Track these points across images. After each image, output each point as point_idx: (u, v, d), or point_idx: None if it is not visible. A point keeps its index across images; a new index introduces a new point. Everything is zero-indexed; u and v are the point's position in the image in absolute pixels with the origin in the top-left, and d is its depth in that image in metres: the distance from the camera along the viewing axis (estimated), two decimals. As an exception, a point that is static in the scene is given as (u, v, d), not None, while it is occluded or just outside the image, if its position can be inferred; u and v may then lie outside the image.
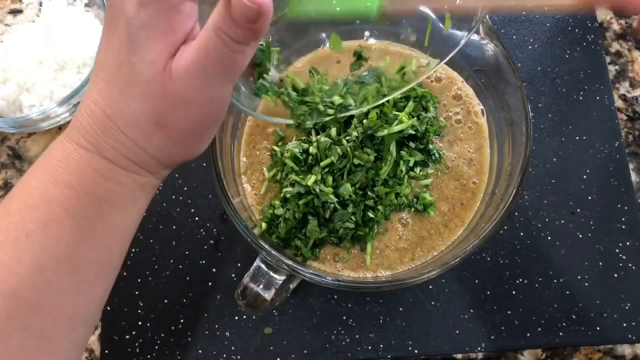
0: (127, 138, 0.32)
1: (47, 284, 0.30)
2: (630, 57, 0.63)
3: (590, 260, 0.54)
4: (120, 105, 0.31)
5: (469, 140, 0.53)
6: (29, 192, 0.32)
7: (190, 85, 0.30)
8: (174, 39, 0.30)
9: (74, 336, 0.33)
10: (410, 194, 0.51)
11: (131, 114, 0.31)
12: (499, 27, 0.63)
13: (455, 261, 0.43)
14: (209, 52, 0.29)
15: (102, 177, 0.32)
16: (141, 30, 0.29)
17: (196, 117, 0.32)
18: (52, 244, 0.31)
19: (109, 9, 0.31)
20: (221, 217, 0.56)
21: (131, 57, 0.30)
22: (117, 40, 0.31)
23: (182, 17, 0.30)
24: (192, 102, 0.31)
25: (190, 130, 0.33)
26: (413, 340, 0.52)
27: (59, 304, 0.31)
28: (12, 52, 0.58)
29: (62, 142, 0.33)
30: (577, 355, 0.53)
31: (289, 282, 0.45)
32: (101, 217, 0.32)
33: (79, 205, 0.31)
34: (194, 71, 0.30)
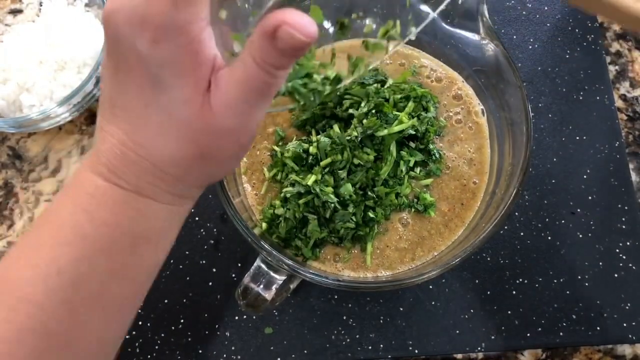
0: (167, 175, 0.31)
1: (76, 320, 0.30)
2: (630, 57, 0.63)
3: (590, 260, 0.54)
4: (156, 147, 0.30)
5: (469, 140, 0.53)
6: (60, 226, 0.31)
7: (235, 118, 0.29)
8: (204, 71, 0.28)
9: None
10: (410, 194, 0.51)
11: (170, 154, 0.30)
12: (499, 27, 0.63)
13: (456, 261, 0.43)
14: (251, 84, 0.28)
15: (140, 215, 0.32)
16: (164, 70, 0.28)
17: (241, 142, 0.31)
18: (84, 281, 0.30)
19: (108, 44, 0.29)
20: (221, 217, 0.56)
21: (160, 97, 0.29)
22: (135, 81, 0.29)
23: (206, 46, 0.28)
24: (236, 132, 0.30)
25: (233, 154, 0.32)
26: (413, 340, 0.52)
27: (87, 339, 0.31)
28: (12, 52, 0.58)
29: (92, 178, 0.31)
30: (577, 355, 0.53)
31: (289, 282, 0.45)
32: (135, 254, 0.32)
33: (114, 244, 0.31)
34: (238, 105, 0.29)
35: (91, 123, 0.61)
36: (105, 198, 0.31)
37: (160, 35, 0.27)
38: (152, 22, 0.26)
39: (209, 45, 0.28)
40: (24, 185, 0.59)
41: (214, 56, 0.29)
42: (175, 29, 0.27)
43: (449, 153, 0.52)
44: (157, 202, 0.32)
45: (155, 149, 0.30)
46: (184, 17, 0.26)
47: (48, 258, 0.30)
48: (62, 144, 0.60)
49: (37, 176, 0.59)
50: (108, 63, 0.30)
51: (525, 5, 0.64)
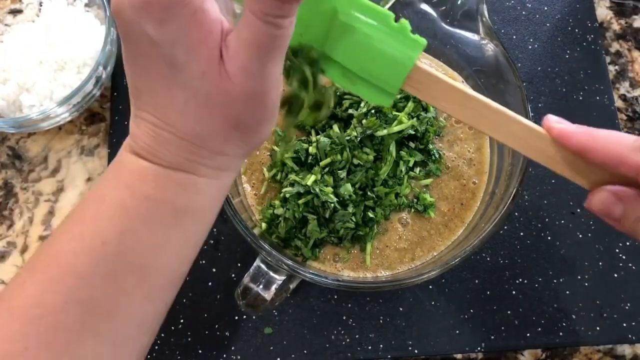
0: (204, 150, 0.31)
1: (120, 291, 0.30)
2: (630, 57, 0.63)
3: (590, 260, 0.54)
4: (187, 125, 0.30)
5: (469, 140, 0.53)
6: (102, 202, 0.31)
7: (254, 80, 0.29)
8: (214, 40, 0.28)
9: (141, 343, 0.33)
10: (410, 194, 0.51)
11: (201, 130, 0.30)
12: (499, 27, 0.63)
13: (455, 261, 0.43)
14: (259, 41, 0.28)
15: (181, 188, 0.32)
16: (175, 48, 0.28)
17: (268, 102, 0.31)
18: (128, 254, 0.30)
19: (122, 35, 0.30)
20: (221, 217, 0.55)
21: (178, 76, 0.29)
22: (153, 66, 0.29)
23: (210, 15, 0.28)
24: (260, 93, 0.30)
25: (264, 116, 0.31)
26: (413, 340, 0.52)
27: (131, 312, 0.31)
28: (12, 52, 0.58)
29: (132, 158, 0.31)
30: (577, 355, 0.53)
31: (289, 282, 0.45)
32: (178, 227, 0.32)
33: (157, 216, 0.31)
34: (253, 67, 0.28)
35: (91, 123, 0.61)
36: (146, 173, 0.31)
37: (165, 15, 0.27)
38: (155, 4, 0.27)
39: (213, 13, 0.28)
40: (23, 185, 0.59)
41: (220, 23, 0.29)
42: (177, 5, 0.27)
43: (448, 153, 0.52)
44: (198, 176, 0.32)
45: (187, 127, 0.30)
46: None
47: (93, 231, 0.30)
48: (62, 144, 0.60)
49: (37, 176, 0.59)
50: (126, 54, 0.31)
51: (525, 5, 0.64)
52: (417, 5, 0.53)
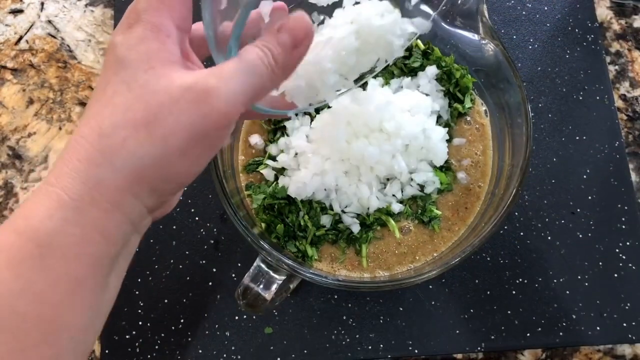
0: (93, 150, 0.28)
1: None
2: (630, 57, 0.63)
3: (590, 260, 0.54)
4: (102, 116, 0.29)
5: (476, 142, 0.53)
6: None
7: (234, 105, 0.29)
8: (169, 38, 0.30)
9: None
10: (414, 205, 0.51)
11: (112, 119, 0.28)
12: (499, 27, 0.63)
13: (455, 261, 0.43)
14: (249, 63, 0.30)
15: (47, 216, 0.28)
16: (131, 49, 0.29)
17: (204, 123, 0.29)
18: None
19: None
20: (221, 217, 0.56)
21: (121, 73, 0.29)
22: (106, 79, 0.30)
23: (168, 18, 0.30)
24: (200, 99, 0.29)
25: (195, 135, 0.29)
26: (413, 340, 0.52)
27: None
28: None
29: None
30: (577, 355, 0.53)
31: (289, 282, 0.45)
32: (41, 267, 0.27)
33: (19, 254, 0.27)
34: (240, 93, 0.29)
35: (91, 123, 0.61)
36: (27, 202, 0.29)
37: (133, 20, 0.29)
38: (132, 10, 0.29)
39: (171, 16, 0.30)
40: (24, 185, 0.59)
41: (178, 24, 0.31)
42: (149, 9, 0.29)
43: (456, 159, 0.52)
44: (70, 197, 0.28)
45: (100, 121, 0.28)
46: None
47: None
48: (62, 144, 0.60)
49: (37, 176, 0.59)
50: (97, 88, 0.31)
51: (525, 5, 0.64)
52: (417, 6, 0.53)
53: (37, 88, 0.62)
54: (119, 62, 0.29)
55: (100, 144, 0.28)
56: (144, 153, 0.28)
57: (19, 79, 0.62)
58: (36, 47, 0.63)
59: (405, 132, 0.47)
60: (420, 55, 0.53)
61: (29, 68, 0.62)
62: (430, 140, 0.49)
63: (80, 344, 0.30)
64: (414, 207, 0.51)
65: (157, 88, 0.28)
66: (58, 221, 0.28)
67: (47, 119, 0.61)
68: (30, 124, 0.61)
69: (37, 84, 0.62)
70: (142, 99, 0.28)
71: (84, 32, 0.64)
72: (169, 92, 0.28)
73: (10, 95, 0.61)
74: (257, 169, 0.52)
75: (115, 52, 0.29)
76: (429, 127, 0.49)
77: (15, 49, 0.63)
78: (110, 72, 0.29)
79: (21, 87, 0.62)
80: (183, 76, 0.29)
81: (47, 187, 0.28)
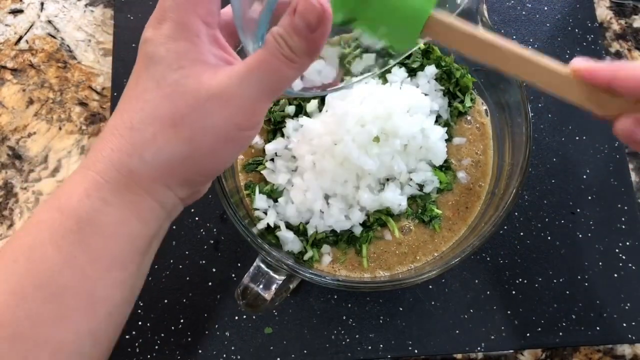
0: (125, 142, 0.30)
1: (27, 312, 0.28)
2: (630, 57, 0.63)
3: (590, 260, 0.54)
4: (134, 112, 0.30)
5: (476, 142, 0.53)
6: (32, 217, 0.31)
7: (256, 106, 0.29)
8: (200, 37, 0.30)
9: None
10: (414, 205, 0.51)
11: (141, 115, 0.30)
12: (499, 27, 0.63)
13: (455, 261, 0.43)
14: (265, 60, 0.29)
15: (86, 195, 0.29)
16: (161, 45, 0.30)
17: (236, 121, 0.30)
18: (34, 270, 0.29)
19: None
20: (221, 217, 0.56)
21: (151, 69, 0.30)
22: (139, 75, 0.31)
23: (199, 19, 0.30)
24: (231, 100, 0.29)
25: (219, 131, 0.30)
26: (413, 340, 0.52)
27: (40, 335, 0.29)
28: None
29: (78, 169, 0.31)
30: (577, 355, 0.53)
31: (289, 282, 0.45)
32: (82, 241, 0.29)
33: (61, 228, 0.29)
34: (261, 93, 0.29)
35: (91, 123, 0.61)
36: (65, 182, 0.30)
37: (160, 17, 0.29)
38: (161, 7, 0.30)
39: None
40: (24, 185, 0.59)
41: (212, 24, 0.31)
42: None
43: (456, 158, 0.52)
44: (106, 181, 0.29)
45: (131, 115, 0.30)
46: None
47: (9, 248, 0.30)
48: (62, 144, 0.60)
49: (37, 176, 0.59)
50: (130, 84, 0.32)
51: (525, 5, 0.64)
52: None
53: (37, 88, 0.62)
54: (150, 57, 0.30)
55: (131, 137, 0.30)
56: (172, 151, 0.29)
57: (19, 79, 0.62)
58: (36, 47, 0.63)
59: (404, 132, 0.47)
60: (420, 55, 0.53)
61: (29, 68, 0.62)
62: (429, 139, 0.49)
63: (116, 318, 0.32)
64: (414, 206, 0.50)
65: (185, 89, 0.29)
66: (96, 201, 0.29)
67: (47, 119, 0.61)
68: (30, 124, 0.61)
69: (37, 84, 0.62)
70: (170, 99, 0.29)
71: (84, 32, 0.64)
72: (196, 96, 0.29)
73: (10, 95, 0.61)
74: (257, 169, 0.52)
75: (146, 48, 0.30)
76: (428, 126, 0.49)
77: (15, 49, 0.63)
78: (141, 66, 0.30)
79: (21, 87, 0.62)
80: (211, 79, 0.29)
81: (84, 170, 0.30)
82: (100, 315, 0.31)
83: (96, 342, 0.31)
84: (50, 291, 0.29)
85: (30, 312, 0.28)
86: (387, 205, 0.49)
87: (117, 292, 0.31)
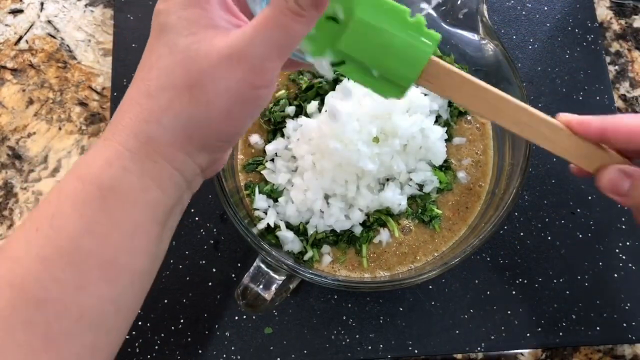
0: (144, 110, 0.30)
1: (50, 277, 0.29)
2: (630, 57, 0.63)
3: (590, 260, 0.54)
4: (150, 80, 0.31)
5: (476, 142, 0.53)
6: (55, 187, 0.31)
7: (267, 65, 0.30)
8: (210, 5, 0.31)
9: (81, 341, 0.30)
10: (414, 206, 0.51)
11: (158, 82, 0.30)
12: (499, 27, 0.63)
13: (455, 261, 0.43)
14: (272, 17, 0.29)
15: (107, 164, 0.30)
16: (172, 14, 0.30)
17: (249, 80, 0.30)
18: (56, 237, 0.29)
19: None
20: (221, 217, 0.56)
21: (163, 38, 0.31)
22: (152, 47, 0.31)
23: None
24: (241, 60, 0.29)
25: (233, 93, 0.30)
26: (413, 340, 0.52)
27: (63, 300, 0.29)
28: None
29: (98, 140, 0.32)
30: (577, 355, 0.53)
31: (289, 282, 0.45)
32: (104, 208, 0.30)
33: (82, 196, 0.30)
34: (270, 51, 0.29)
35: (91, 123, 0.61)
36: (87, 152, 0.31)
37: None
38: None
39: None
40: (23, 185, 0.59)
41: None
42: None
43: (456, 158, 0.52)
44: (126, 149, 0.30)
45: (147, 84, 0.30)
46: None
47: (32, 216, 0.30)
48: (62, 144, 0.60)
49: (37, 176, 0.59)
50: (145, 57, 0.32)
51: (525, 5, 0.64)
52: (417, 5, 0.53)
53: (36, 88, 0.62)
54: (161, 27, 0.30)
55: (148, 104, 0.30)
56: (189, 115, 0.30)
57: (19, 79, 0.62)
58: (36, 47, 0.63)
59: (403, 132, 0.47)
60: None
61: (29, 68, 0.62)
62: (429, 139, 0.49)
63: (137, 288, 0.32)
64: (414, 206, 0.51)
65: (198, 54, 0.30)
66: (117, 169, 0.30)
67: (46, 119, 0.61)
68: (30, 124, 0.61)
69: (36, 84, 0.62)
70: (183, 64, 0.30)
71: (83, 32, 0.64)
72: (208, 59, 0.29)
73: (10, 95, 0.61)
74: (257, 169, 0.52)
75: (158, 19, 0.31)
76: (427, 126, 0.49)
77: (15, 49, 0.63)
78: (153, 38, 0.31)
79: (21, 87, 0.62)
80: (222, 41, 0.30)
81: (104, 141, 0.31)
82: (121, 283, 0.31)
83: (118, 310, 0.31)
84: (72, 257, 0.29)
85: (54, 277, 0.29)
86: (387, 205, 0.49)
87: (138, 261, 0.31)
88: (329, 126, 0.47)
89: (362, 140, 0.46)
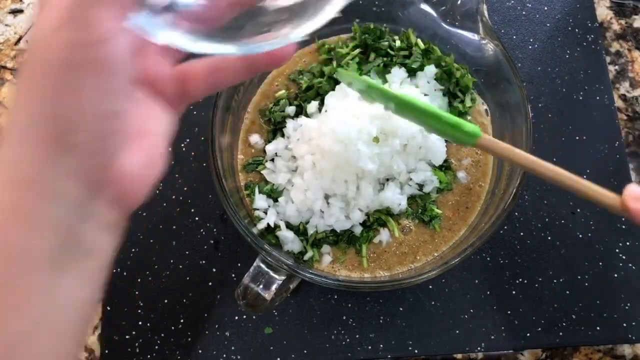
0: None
1: None
2: (630, 57, 0.63)
3: (590, 260, 0.54)
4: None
5: None
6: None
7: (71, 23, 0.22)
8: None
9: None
10: (414, 205, 0.51)
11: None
12: (499, 27, 0.63)
13: (455, 261, 0.43)
14: None
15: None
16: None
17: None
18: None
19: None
20: (221, 217, 0.56)
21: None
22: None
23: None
24: (68, 26, 0.22)
25: (65, 71, 0.23)
26: (413, 340, 0.52)
27: None
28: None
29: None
30: (577, 355, 0.53)
31: (289, 282, 0.45)
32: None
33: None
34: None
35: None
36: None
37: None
38: None
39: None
40: (24, 185, 0.59)
41: None
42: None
43: (456, 158, 0.52)
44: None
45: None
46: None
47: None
48: (62, 144, 0.60)
49: (37, 176, 0.59)
50: None
51: (525, 5, 0.64)
52: (417, 5, 0.53)
53: (37, 88, 0.62)
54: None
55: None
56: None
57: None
58: (36, 47, 0.63)
59: (403, 132, 0.47)
60: (420, 55, 0.53)
61: (29, 68, 0.62)
62: (429, 139, 0.49)
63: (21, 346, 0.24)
64: (414, 206, 0.50)
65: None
66: None
67: (47, 119, 0.61)
68: (30, 124, 0.61)
69: (37, 84, 0.62)
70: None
71: (84, 32, 0.64)
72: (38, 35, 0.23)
73: (10, 95, 0.61)
74: (257, 169, 0.52)
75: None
76: (428, 126, 0.49)
77: (15, 49, 0.63)
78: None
79: (21, 87, 0.62)
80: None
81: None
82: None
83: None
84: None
85: None
86: (387, 205, 0.49)
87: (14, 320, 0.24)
88: (329, 126, 0.47)
89: (362, 140, 0.46)
